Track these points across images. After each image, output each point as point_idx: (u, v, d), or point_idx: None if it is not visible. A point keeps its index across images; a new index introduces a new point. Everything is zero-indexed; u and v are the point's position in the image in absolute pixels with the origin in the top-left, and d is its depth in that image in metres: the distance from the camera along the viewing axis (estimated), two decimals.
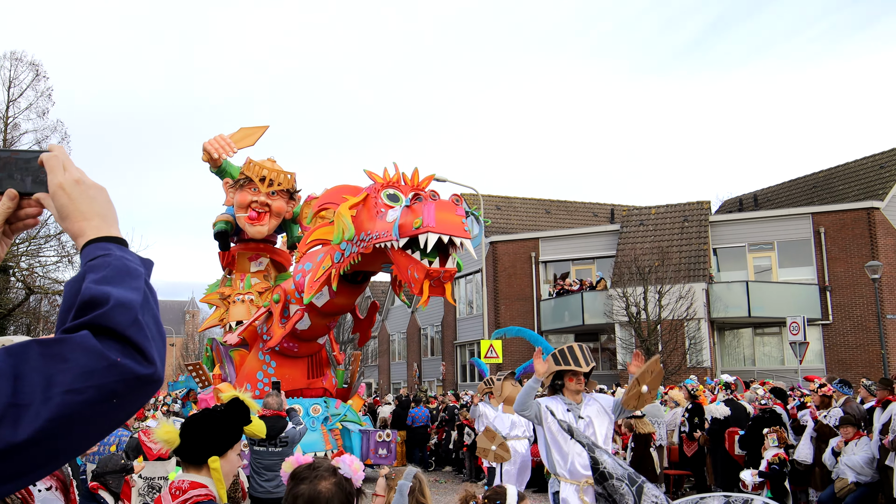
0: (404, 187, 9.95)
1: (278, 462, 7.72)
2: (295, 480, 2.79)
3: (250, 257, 13.96)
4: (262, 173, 12.71)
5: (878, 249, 26.86)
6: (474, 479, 17.59)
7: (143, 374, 1.25)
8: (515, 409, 6.57)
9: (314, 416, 11.85)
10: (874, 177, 29.55)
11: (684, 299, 26.31)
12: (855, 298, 27.15)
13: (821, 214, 28.15)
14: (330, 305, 11.27)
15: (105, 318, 1.25)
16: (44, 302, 28.53)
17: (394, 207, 9.53)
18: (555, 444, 6.42)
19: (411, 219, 8.70)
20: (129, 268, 1.35)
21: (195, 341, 63.57)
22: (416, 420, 19.58)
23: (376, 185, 9.97)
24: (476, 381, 33.91)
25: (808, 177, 33.60)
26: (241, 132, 13.31)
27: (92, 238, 1.41)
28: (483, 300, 31.75)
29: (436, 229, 8.43)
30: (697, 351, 27.02)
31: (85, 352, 1.21)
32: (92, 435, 1.25)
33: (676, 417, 14.26)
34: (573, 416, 6.41)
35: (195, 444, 3.34)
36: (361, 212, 9.87)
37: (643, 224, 31.07)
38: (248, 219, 12.84)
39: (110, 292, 1.28)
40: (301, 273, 11.52)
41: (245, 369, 12.39)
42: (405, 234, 8.77)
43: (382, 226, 9.32)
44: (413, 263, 8.80)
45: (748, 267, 29.19)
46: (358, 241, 9.75)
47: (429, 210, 8.54)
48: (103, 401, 1.21)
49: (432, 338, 40.45)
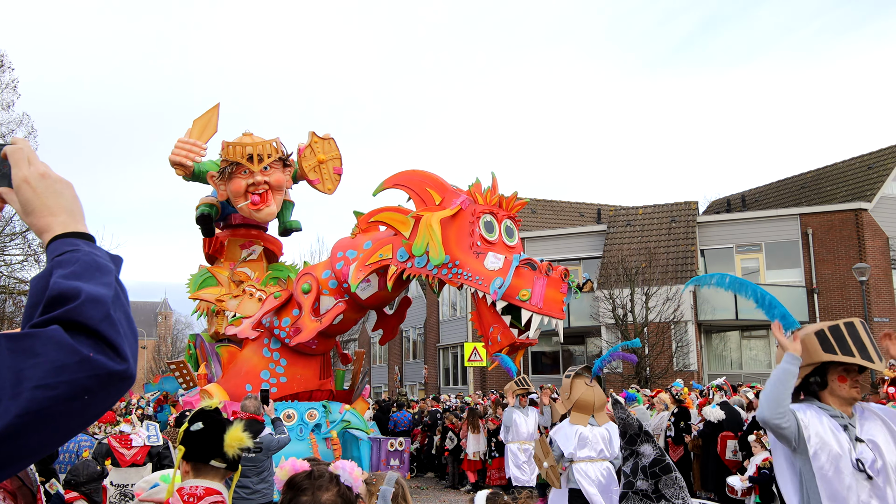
0: (499, 213, 9.28)
1: (251, 468, 7.53)
2: (294, 491, 2.60)
3: (242, 244, 12.72)
4: (247, 151, 11.25)
5: (866, 251, 26.67)
6: (457, 486, 17.17)
7: (115, 371, 1.25)
8: (763, 417, 3.74)
9: (309, 422, 10.69)
10: (862, 177, 29.39)
11: (671, 301, 26.03)
12: (842, 301, 26.94)
13: (809, 215, 27.98)
14: (374, 299, 10.33)
15: (76, 312, 1.24)
16: (8, 302, 27.62)
17: (493, 246, 8.99)
18: (827, 485, 3.68)
19: (519, 286, 8.43)
20: (98, 263, 1.34)
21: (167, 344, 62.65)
22: (399, 424, 19.13)
23: (473, 207, 9.18)
24: (460, 385, 33.51)
25: (797, 177, 33.46)
26: (197, 125, 11.80)
27: (59, 233, 1.39)
28: (467, 302, 31.34)
29: (542, 310, 8.30)
30: (684, 354, 26.76)
31: (56, 346, 1.20)
32: (62, 432, 1.24)
33: (662, 421, 14.03)
34: (848, 439, 3.73)
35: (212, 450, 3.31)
36: (450, 229, 9.09)
37: (630, 224, 30.77)
38: (252, 205, 11.38)
39: (81, 287, 1.27)
40: (344, 261, 10.21)
41: (245, 367, 10.94)
42: (508, 299, 8.48)
43: (479, 269, 8.80)
44: (500, 325, 8.61)
45: (736, 268, 28.97)
46: (441, 266, 9.03)
47: (540, 286, 8.35)
48: (75, 397, 1.20)
49: (414, 340, 39.94)
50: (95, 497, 6.67)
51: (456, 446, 17.08)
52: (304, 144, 11.64)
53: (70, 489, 6.46)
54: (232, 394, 10.05)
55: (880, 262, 27.06)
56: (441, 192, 9.38)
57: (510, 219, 9.37)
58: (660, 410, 14.40)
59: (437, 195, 9.34)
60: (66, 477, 6.67)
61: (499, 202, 9.37)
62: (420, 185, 9.47)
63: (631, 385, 19.74)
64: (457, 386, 33.85)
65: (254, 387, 10.44)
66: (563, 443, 7.77)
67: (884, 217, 27.57)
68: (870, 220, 27.17)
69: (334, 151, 11.93)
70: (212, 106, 12.08)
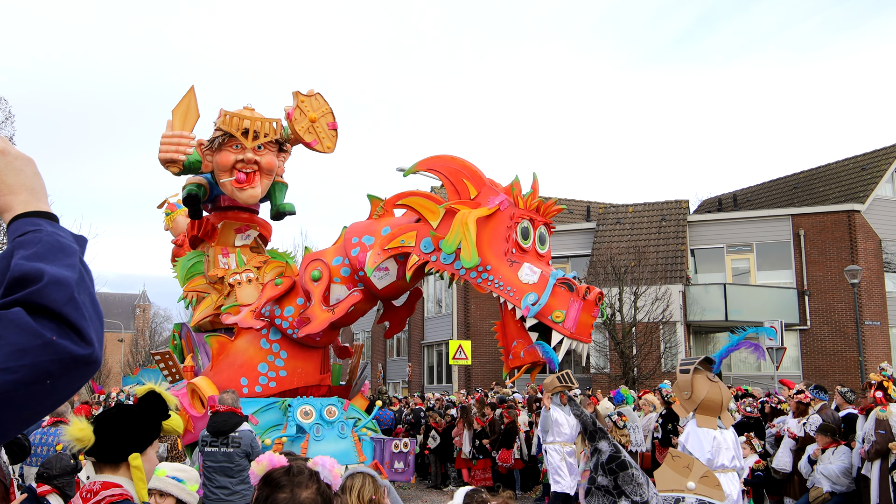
0: (536, 218, 8.69)
1: (228, 466, 7.33)
2: (271, 487, 2.49)
3: (238, 229, 11.57)
4: (244, 125, 10.36)
5: (858, 253, 26.44)
6: (440, 486, 16.78)
7: (79, 355, 1.23)
8: None
9: (329, 419, 9.77)
10: (855, 178, 29.18)
11: (661, 301, 25.81)
12: (833, 303, 26.74)
13: (801, 216, 27.79)
14: (390, 289, 9.62)
15: (39, 295, 1.22)
16: None
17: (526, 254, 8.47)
18: None
19: (554, 306, 8.00)
20: (62, 244, 1.32)
21: (145, 337, 61.83)
22: (383, 422, 18.67)
23: (512, 210, 8.57)
24: (444, 384, 33.09)
25: (789, 177, 33.32)
26: (177, 115, 10.76)
27: (20, 213, 1.36)
28: (453, 298, 30.94)
29: (574, 335, 7.94)
30: (673, 355, 26.52)
31: (17, 329, 1.18)
32: (24, 418, 1.23)
33: (650, 423, 13.94)
34: None
35: (112, 443, 3.17)
36: (484, 230, 8.50)
37: (620, 223, 30.48)
38: (236, 182, 10.41)
39: (44, 269, 1.25)
40: (360, 247, 9.39)
41: (240, 359, 9.98)
42: (540, 318, 8.04)
43: (512, 280, 8.24)
44: (525, 341, 8.17)
45: (726, 269, 28.75)
46: (470, 269, 8.45)
47: (575, 310, 7.98)
48: (36, 381, 1.19)
49: (399, 337, 39.43)
50: (68, 491, 6.44)
51: (438, 445, 16.71)
52: (291, 107, 10.71)
53: (43, 482, 6.28)
54: (223, 387, 9.20)
55: (872, 265, 26.83)
56: (478, 185, 8.71)
57: (545, 225, 8.84)
58: (647, 412, 14.34)
59: (474, 188, 8.68)
60: (39, 470, 6.50)
61: (536, 207, 8.81)
62: (457, 174, 8.80)
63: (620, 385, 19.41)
64: (441, 384, 33.41)
65: (249, 381, 9.74)
66: (696, 450, 6.62)
67: (876, 219, 27.36)
68: (862, 221, 26.94)
69: (324, 107, 11.04)
70: (186, 91, 11.02)
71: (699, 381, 6.91)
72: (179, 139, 10.49)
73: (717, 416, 6.98)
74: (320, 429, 9.55)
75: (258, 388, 9.66)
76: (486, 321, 31.11)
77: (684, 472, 5.64)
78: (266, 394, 9.54)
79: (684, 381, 7.00)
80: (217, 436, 7.47)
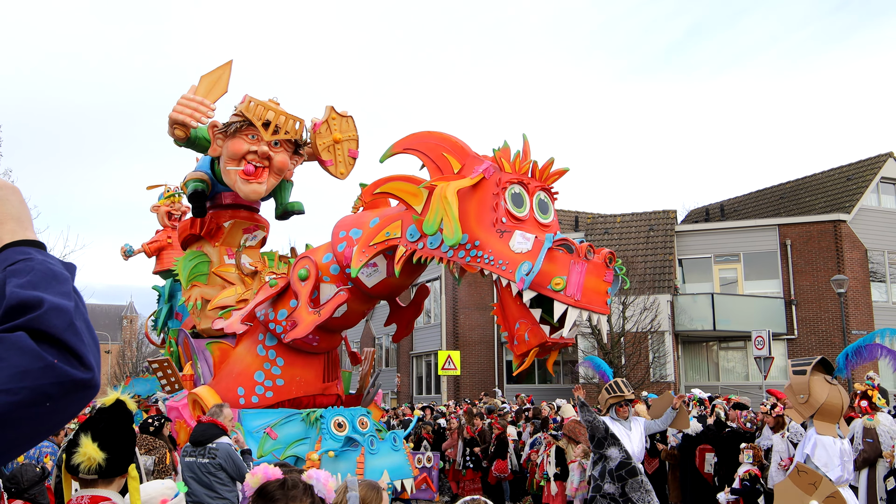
0: (531, 183, 7.60)
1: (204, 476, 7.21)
2: (264, 500, 2.52)
3: (246, 229, 10.97)
4: (267, 116, 9.65)
5: (844, 263, 26.58)
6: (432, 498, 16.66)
7: (80, 379, 1.24)
8: None
9: (362, 431, 9.00)
10: (841, 189, 29.34)
11: (649, 311, 25.82)
12: (820, 313, 26.84)
13: (787, 226, 27.91)
14: (382, 287, 8.70)
15: (39, 321, 1.23)
16: None
17: (521, 223, 7.35)
18: None
19: (552, 273, 6.82)
20: (54, 272, 1.33)
21: (132, 348, 61.17)
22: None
23: (499, 176, 7.45)
24: (433, 394, 32.95)
25: (776, 187, 33.44)
26: (205, 81, 9.98)
27: (8, 242, 1.37)
28: (441, 309, 30.90)
29: (580, 303, 6.74)
30: (661, 365, 26.54)
31: (20, 352, 1.19)
32: (23, 440, 1.23)
33: None
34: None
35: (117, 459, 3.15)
36: (469, 202, 7.44)
37: (608, 232, 30.52)
38: (243, 173, 9.67)
39: (42, 296, 1.26)
40: (346, 242, 8.57)
41: (237, 367, 9.32)
42: (537, 288, 6.88)
43: (503, 252, 7.14)
44: (528, 320, 7.09)
45: (714, 279, 28.83)
46: (457, 247, 7.40)
47: (578, 273, 6.78)
48: (36, 403, 1.19)
49: (387, 348, 39.33)
50: (41, 500, 6.48)
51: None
52: (319, 119, 10.21)
53: (13, 498, 6.21)
54: (224, 398, 8.70)
55: (858, 275, 26.97)
56: (461, 157, 7.74)
57: (545, 191, 7.70)
58: None
59: (457, 162, 7.72)
60: (4, 485, 6.33)
61: (530, 170, 7.65)
62: (435, 149, 7.85)
63: None
64: (430, 395, 33.30)
65: (246, 391, 9.07)
66: (825, 463, 5.82)
67: (862, 229, 27.51)
68: (848, 231, 27.09)
69: (352, 132, 10.43)
70: (224, 63, 10.30)
71: (818, 383, 6.15)
72: (199, 105, 9.73)
73: (836, 422, 6.33)
74: (374, 441, 8.97)
75: (255, 398, 9.03)
76: (475, 331, 31.06)
77: (809, 489, 5.11)
78: (263, 404, 8.99)
79: (800, 384, 6.24)
80: (196, 446, 7.35)
